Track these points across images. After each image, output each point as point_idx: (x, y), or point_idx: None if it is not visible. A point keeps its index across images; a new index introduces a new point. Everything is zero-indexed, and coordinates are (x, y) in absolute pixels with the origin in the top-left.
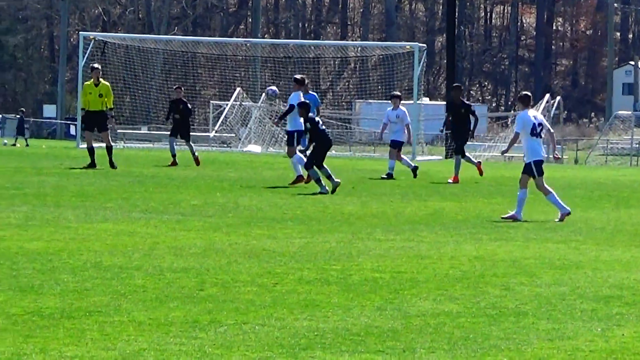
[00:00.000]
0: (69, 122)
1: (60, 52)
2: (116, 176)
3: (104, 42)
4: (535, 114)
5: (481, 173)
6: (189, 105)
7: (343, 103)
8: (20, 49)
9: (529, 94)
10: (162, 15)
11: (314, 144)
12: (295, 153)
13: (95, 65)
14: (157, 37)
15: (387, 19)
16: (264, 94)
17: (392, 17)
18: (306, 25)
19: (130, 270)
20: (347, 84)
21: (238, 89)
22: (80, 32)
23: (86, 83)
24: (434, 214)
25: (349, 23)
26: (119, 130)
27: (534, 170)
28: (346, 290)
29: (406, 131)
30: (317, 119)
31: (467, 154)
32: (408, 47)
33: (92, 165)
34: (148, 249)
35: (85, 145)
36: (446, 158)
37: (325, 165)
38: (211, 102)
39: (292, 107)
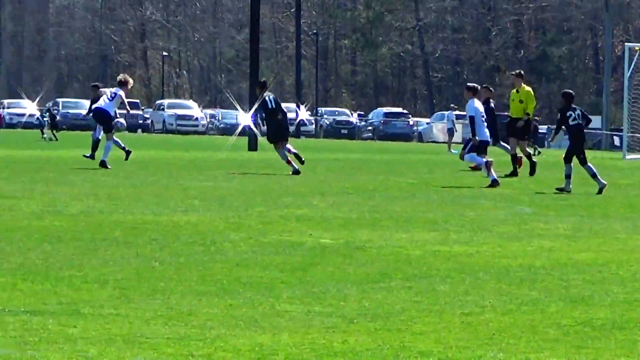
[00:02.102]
0: (613, 133)
1: (605, 63)
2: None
3: None
4: None
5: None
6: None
7: None
8: (565, 60)
9: None
10: None
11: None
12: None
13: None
14: None
15: None
16: None
17: None
18: None
19: None
20: None
21: None
22: (625, 43)
23: (512, 90)
24: None
25: None
26: None
27: None
28: None
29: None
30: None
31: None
32: None
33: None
34: None
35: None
36: None
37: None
38: None
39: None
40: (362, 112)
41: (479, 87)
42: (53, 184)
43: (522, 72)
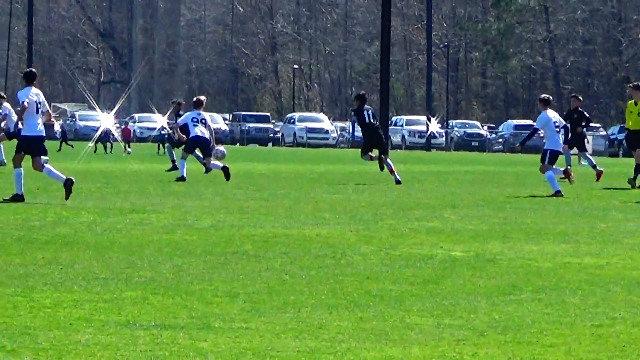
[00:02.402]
0: None
1: None
2: None
3: None
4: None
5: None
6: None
7: None
8: None
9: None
10: None
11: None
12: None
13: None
14: None
15: None
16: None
17: None
18: None
19: None
20: None
21: None
22: None
23: (629, 102)
24: None
25: None
26: None
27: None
28: None
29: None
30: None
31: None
32: None
33: None
34: None
35: None
36: None
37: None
38: None
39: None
40: (492, 125)
41: (551, 98)
42: (184, 197)
43: None
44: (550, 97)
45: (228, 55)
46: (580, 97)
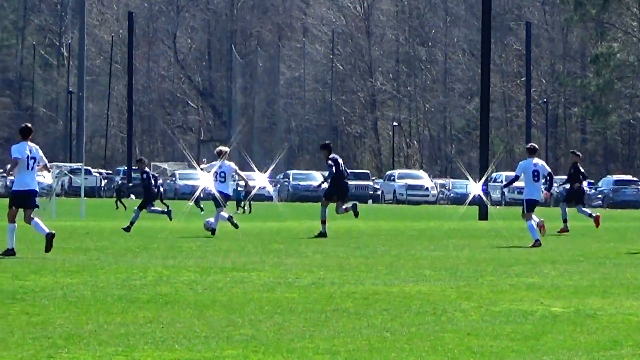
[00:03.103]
0: None
1: None
2: None
3: None
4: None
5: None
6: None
7: None
8: None
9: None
10: None
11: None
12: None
13: None
14: None
15: None
16: None
17: None
18: None
19: None
20: None
21: None
22: None
23: None
24: None
25: None
26: None
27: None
28: None
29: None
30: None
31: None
32: None
33: None
34: None
35: None
36: None
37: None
38: None
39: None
40: (591, 180)
41: (536, 147)
42: (284, 255)
43: None
44: (536, 146)
45: (327, 113)
46: (579, 153)
